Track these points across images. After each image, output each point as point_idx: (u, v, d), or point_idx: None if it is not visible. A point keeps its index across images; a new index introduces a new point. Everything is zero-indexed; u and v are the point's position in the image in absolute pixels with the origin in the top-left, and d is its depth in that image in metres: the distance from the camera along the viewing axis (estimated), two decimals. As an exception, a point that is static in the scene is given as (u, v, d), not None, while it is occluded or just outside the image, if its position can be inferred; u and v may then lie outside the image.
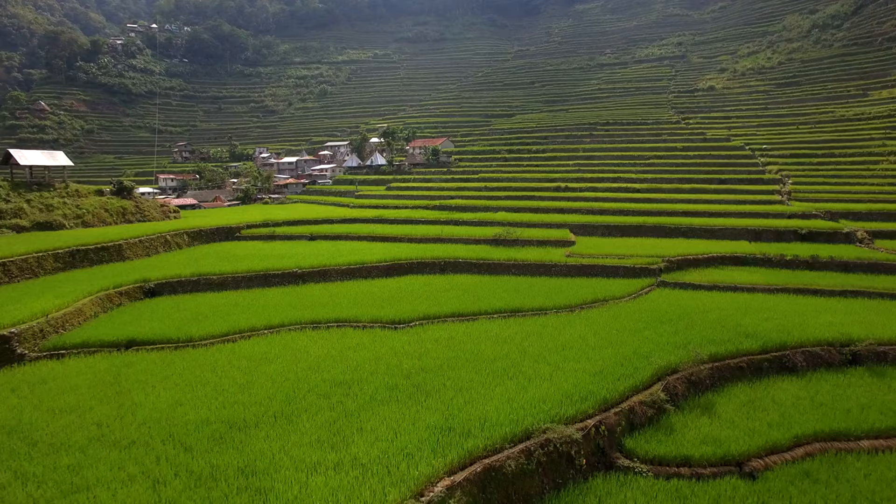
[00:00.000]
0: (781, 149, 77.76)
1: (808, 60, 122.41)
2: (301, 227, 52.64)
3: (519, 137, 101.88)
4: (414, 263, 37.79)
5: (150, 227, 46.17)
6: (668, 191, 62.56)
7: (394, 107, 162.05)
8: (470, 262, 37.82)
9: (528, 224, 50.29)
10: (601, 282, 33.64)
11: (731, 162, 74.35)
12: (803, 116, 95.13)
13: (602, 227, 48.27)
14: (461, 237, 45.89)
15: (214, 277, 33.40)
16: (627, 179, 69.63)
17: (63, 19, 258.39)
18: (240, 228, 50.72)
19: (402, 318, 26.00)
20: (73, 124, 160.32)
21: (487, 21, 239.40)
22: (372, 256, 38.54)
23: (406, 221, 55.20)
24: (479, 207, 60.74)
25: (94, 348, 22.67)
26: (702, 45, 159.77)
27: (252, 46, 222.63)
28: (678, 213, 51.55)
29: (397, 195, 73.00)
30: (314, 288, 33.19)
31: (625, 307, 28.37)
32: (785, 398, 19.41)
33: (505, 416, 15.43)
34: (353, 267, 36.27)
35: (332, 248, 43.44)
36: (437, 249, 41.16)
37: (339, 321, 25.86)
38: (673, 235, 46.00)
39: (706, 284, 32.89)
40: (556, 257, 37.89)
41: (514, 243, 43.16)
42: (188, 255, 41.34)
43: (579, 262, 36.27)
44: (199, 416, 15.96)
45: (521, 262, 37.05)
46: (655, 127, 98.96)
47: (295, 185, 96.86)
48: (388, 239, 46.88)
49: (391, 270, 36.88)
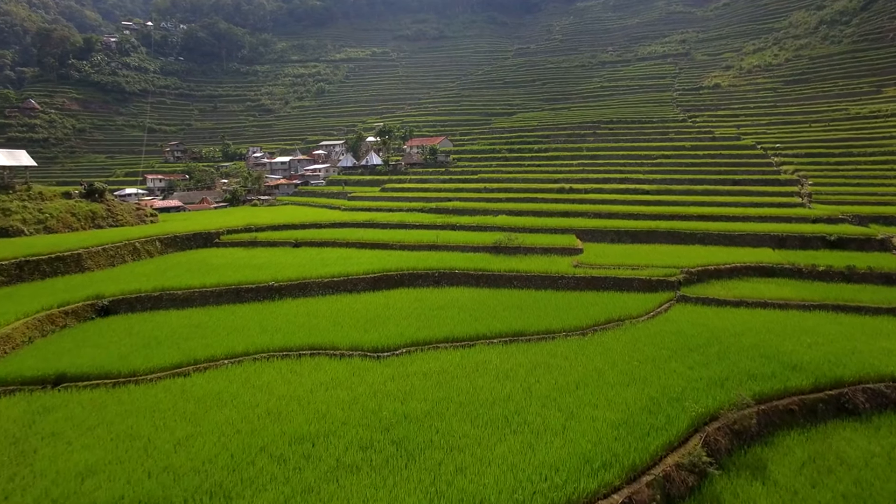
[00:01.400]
0: (795, 148, 74.36)
1: (817, 57, 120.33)
2: (286, 232, 48.68)
3: (520, 136, 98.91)
4: (405, 275, 33.92)
5: (120, 233, 42.16)
6: (679, 192, 58.76)
7: (392, 105, 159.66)
8: (467, 274, 33.99)
9: (530, 229, 46.35)
10: (614, 297, 29.96)
11: (743, 162, 70.82)
12: (816, 114, 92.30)
13: (611, 233, 44.29)
14: (458, 244, 41.91)
15: (180, 292, 29.53)
16: (635, 180, 65.89)
17: (58, 17, 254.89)
18: (219, 234, 46.50)
19: (386, 344, 22.31)
20: (64, 123, 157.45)
21: (487, 19, 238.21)
22: (359, 266, 34.79)
23: (399, 226, 51.33)
24: (477, 210, 56.79)
25: (14, 386, 18.89)
26: (706, 43, 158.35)
27: (249, 44, 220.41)
28: (693, 216, 47.63)
29: (392, 197, 69.10)
30: (291, 304, 29.46)
31: (644, 329, 24.71)
32: (854, 455, 15.70)
33: (507, 497, 11.80)
34: (337, 279, 32.43)
35: (316, 256, 39.65)
36: (431, 258, 37.36)
37: (314, 348, 22.16)
38: (688, 242, 42.15)
39: (732, 300, 29.21)
40: (562, 267, 34.07)
41: (517, 251, 39.29)
42: (157, 264, 37.42)
43: (589, 274, 32.46)
44: (112, 495, 12.31)
45: (524, 274, 33.21)
46: (661, 125, 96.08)
47: (286, 186, 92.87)
48: (378, 246, 42.98)
49: (379, 283, 33.05)
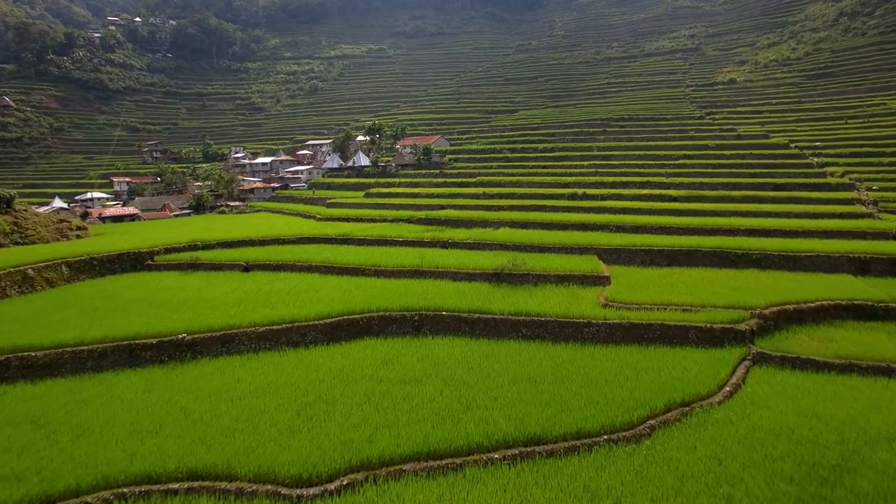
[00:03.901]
0: (837, 146, 65.82)
1: (840, 50, 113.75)
2: (239, 250, 39.64)
3: (523, 135, 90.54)
4: (374, 318, 24.78)
5: (11, 255, 33.13)
6: (712, 199, 49.76)
7: (387, 103, 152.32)
8: (458, 317, 24.80)
9: (539, 247, 37.39)
10: (665, 355, 21.12)
11: (779, 163, 62.10)
12: (849, 110, 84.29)
13: (641, 253, 35.21)
14: (449, 268, 32.73)
15: (40, 355, 20.35)
16: (658, 184, 56.91)
17: (44, 13, 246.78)
18: (154, 253, 37.56)
19: (317, 471, 13.34)
20: (40, 122, 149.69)
21: (487, 15, 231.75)
22: (315, 305, 25.90)
23: (379, 242, 42.25)
24: (474, 221, 47.74)
25: None
26: (715, 38, 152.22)
27: (240, 41, 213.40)
28: (739, 230, 38.49)
29: (376, 204, 59.88)
30: (203, 370, 20.50)
31: (726, 426, 15.79)
32: None
33: None
34: (278, 327, 23.31)
35: (265, 286, 30.70)
36: (412, 290, 28.39)
37: (198, 477, 13.34)
38: (740, 265, 33.24)
39: (836, 362, 20.31)
40: (587, 307, 25.11)
41: (524, 279, 30.33)
42: (46, 301, 28.21)
43: (625, 319, 23.39)
44: None
45: (535, 318, 24.06)
46: (678, 122, 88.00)
47: (263, 190, 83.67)
48: (348, 271, 33.94)
49: (338, 331, 23.96)
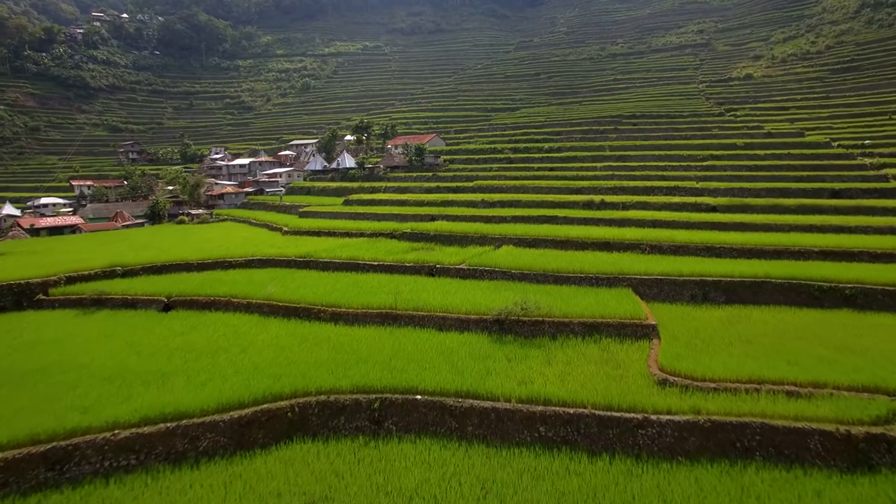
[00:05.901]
0: (889, 145, 57.24)
1: (865, 43, 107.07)
2: (170, 276, 30.99)
3: (526, 133, 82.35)
4: (312, 405, 15.87)
5: None
6: (759, 209, 41.06)
7: (381, 101, 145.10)
8: (441, 405, 15.85)
9: (554, 276, 28.52)
10: (776, 487, 12.67)
11: (824, 164, 53.89)
12: (889, 105, 75.78)
13: (690, 285, 26.12)
14: (433, 311, 23.57)
15: None
16: (689, 191, 48.28)
17: (29, 9, 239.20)
18: (51, 284, 28.86)
19: None
20: (14, 121, 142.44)
21: (487, 12, 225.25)
22: (227, 380, 17.12)
23: (349, 266, 33.35)
24: (470, 237, 38.74)
25: None
26: (726, 33, 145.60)
27: (231, 38, 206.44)
28: (812, 252, 29.64)
29: (356, 213, 50.94)
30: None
31: None
32: None
33: None
34: (154, 430, 14.54)
35: (178, 338, 22.06)
36: (377, 351, 19.64)
37: None
38: (828, 303, 24.48)
39: None
40: (635, 385, 16.29)
41: (538, 330, 21.45)
42: None
43: (703, 414, 14.56)
44: None
45: (560, 409, 15.13)
46: (696, 119, 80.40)
47: (234, 196, 74.90)
48: (297, 312, 24.95)
49: (251, 431, 14.89)
